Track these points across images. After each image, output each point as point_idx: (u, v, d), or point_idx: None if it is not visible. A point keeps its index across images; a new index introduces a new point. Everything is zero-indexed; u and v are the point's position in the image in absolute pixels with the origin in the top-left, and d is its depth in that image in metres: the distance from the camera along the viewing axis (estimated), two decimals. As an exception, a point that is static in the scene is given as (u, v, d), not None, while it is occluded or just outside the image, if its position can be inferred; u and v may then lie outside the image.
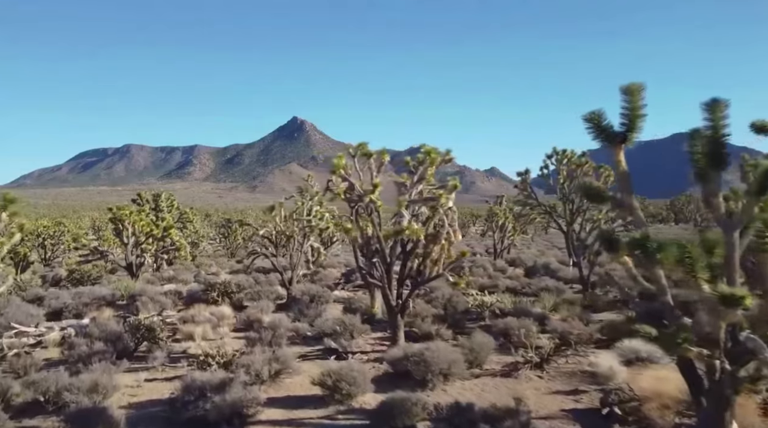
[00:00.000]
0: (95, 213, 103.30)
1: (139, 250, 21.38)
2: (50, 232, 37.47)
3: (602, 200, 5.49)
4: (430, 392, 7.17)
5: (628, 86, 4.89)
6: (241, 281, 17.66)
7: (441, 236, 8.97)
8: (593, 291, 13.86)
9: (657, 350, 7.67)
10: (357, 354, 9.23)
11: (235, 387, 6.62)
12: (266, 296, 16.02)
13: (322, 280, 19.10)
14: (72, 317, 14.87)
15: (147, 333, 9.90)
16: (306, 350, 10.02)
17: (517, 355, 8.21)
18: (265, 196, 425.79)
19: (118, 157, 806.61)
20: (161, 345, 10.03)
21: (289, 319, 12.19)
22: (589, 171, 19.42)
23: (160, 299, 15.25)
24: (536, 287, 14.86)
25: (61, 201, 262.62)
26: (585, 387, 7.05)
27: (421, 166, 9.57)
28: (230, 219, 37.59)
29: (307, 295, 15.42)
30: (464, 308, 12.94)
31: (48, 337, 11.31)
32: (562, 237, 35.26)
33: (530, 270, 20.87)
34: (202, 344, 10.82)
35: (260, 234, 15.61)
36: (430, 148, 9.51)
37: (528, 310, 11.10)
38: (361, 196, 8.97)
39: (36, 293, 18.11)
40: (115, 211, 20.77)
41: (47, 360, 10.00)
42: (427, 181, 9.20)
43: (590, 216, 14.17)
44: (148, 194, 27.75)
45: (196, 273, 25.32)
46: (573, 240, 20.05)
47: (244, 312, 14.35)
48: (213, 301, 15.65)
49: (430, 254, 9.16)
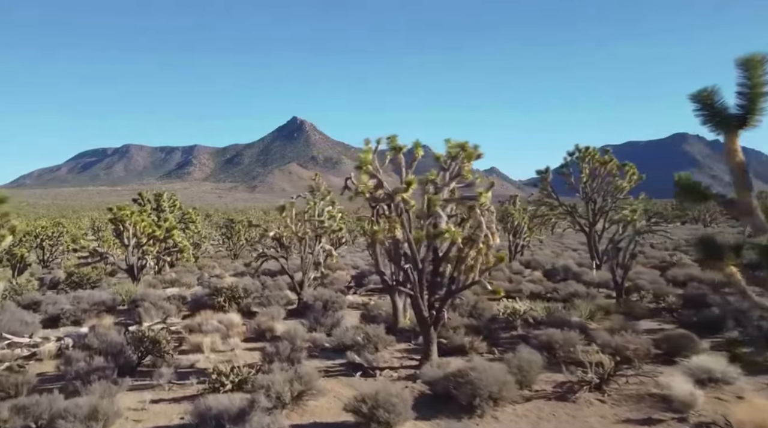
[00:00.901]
0: (95, 213, 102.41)
1: (140, 252, 20.48)
2: (48, 233, 36.55)
3: (703, 198, 4.54)
4: (479, 419, 6.25)
5: (747, 58, 3.95)
6: (248, 284, 16.75)
7: (479, 239, 8.06)
8: (628, 298, 12.93)
9: (733, 369, 6.77)
10: (385, 371, 8.31)
11: (256, 415, 5.71)
12: (276, 301, 15.11)
13: (333, 284, 18.18)
14: (70, 324, 13.95)
15: (152, 346, 8.98)
16: (327, 364, 9.10)
17: (568, 373, 7.28)
18: (264, 196, 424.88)
19: (118, 157, 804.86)
20: (167, 359, 9.11)
21: (304, 328, 11.29)
22: (613, 169, 18.53)
23: (163, 305, 14.34)
24: (565, 292, 13.92)
25: (61, 201, 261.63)
26: (659, 415, 6.10)
27: (453, 161, 8.65)
28: (233, 219, 36.62)
29: (319, 301, 14.51)
30: (490, 315, 12.06)
31: (43, 349, 10.39)
32: (573, 238, 34.29)
33: (549, 273, 19.95)
34: (211, 357, 9.91)
35: (270, 235, 14.68)
36: (462, 142, 8.60)
37: (566, 319, 10.18)
38: (390, 195, 8.05)
39: (32, 297, 17.19)
40: (115, 211, 19.84)
41: (41, 375, 9.09)
42: (464, 177, 8.27)
43: (621, 216, 13.22)
44: (149, 194, 26.81)
45: (199, 276, 24.41)
46: (596, 241, 19.18)
47: (253, 319, 13.45)
48: (220, 307, 14.74)
49: (466, 259, 8.24)
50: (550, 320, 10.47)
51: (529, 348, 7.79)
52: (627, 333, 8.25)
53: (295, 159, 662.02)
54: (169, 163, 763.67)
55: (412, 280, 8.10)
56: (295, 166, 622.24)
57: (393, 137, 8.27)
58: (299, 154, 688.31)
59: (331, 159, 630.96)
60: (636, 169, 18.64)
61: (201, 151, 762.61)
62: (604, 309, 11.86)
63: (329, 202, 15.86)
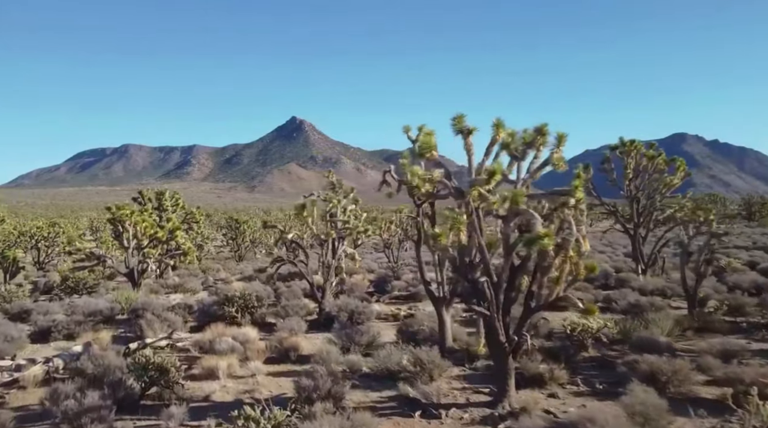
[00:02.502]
0: (93, 213, 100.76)
1: (141, 255, 18.83)
2: (44, 234, 34.87)
3: None
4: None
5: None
6: (259, 291, 15.07)
7: (568, 245, 6.41)
8: (702, 310, 11.28)
9: None
10: (451, 409, 6.65)
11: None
12: (294, 311, 13.45)
13: (353, 291, 16.50)
14: (62, 338, 12.30)
15: (158, 375, 7.32)
16: (372, 398, 7.44)
17: (699, 419, 5.61)
18: (263, 196, 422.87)
19: (117, 157, 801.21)
20: (177, 391, 7.47)
21: (336, 347, 9.62)
22: (661, 164, 16.92)
23: (167, 316, 12.68)
24: (624, 302, 12.26)
25: (60, 201, 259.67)
26: None
27: (529, 148, 6.99)
28: (238, 219, 34.91)
29: (344, 311, 12.85)
30: (547, 331, 10.43)
31: (27, 374, 8.73)
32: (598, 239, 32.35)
33: (587, 279, 18.28)
34: (229, 385, 8.27)
35: (289, 237, 13.01)
36: (541, 125, 6.94)
37: (653, 339, 8.52)
38: (459, 189, 6.39)
39: (22, 306, 15.55)
40: (114, 211, 18.19)
41: (22, 410, 7.44)
42: (557, 166, 6.60)
43: (692, 216, 11.57)
44: (150, 192, 25.11)
45: (204, 280, 22.78)
46: (640, 243, 17.56)
47: (272, 333, 11.82)
48: (231, 318, 13.10)
49: (550, 269, 6.59)
50: (630, 339, 8.83)
51: (641, 385, 6.10)
52: (745, 359, 6.60)
53: (294, 159, 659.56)
54: (168, 162, 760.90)
55: (489, 297, 6.43)
56: (294, 165, 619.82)
57: (459, 117, 6.59)
58: (298, 153, 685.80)
59: (330, 159, 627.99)
60: (685, 164, 17.04)
61: (200, 150, 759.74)
62: (679, 323, 10.23)
63: (353, 200, 14.22)
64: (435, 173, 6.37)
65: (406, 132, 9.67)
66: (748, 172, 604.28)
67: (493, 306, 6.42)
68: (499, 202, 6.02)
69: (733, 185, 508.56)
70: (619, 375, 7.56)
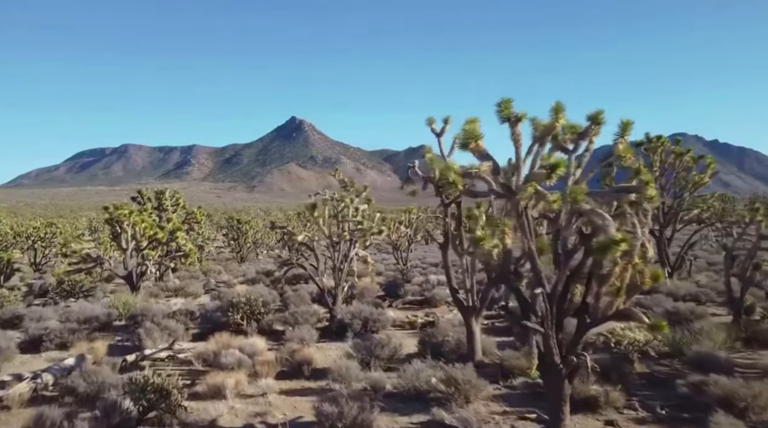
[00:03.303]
0: (93, 213, 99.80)
1: (140, 257, 17.93)
2: (41, 234, 33.93)
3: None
4: None
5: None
6: (264, 295, 14.17)
7: (634, 250, 5.52)
8: (749, 318, 10.40)
9: None
10: (497, 440, 5.76)
11: None
12: (304, 319, 12.54)
13: (364, 296, 15.59)
14: (54, 348, 11.40)
15: (158, 398, 6.42)
16: (400, 422, 6.54)
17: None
18: (263, 196, 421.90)
19: (116, 157, 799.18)
20: (180, 416, 6.57)
21: (354, 360, 8.72)
22: (689, 161, 16.02)
23: (168, 324, 11.77)
24: (659, 309, 11.37)
25: (59, 201, 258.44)
26: None
27: (582, 139, 6.10)
28: (240, 219, 33.95)
29: (357, 318, 11.97)
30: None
31: (12, 392, 7.82)
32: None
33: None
34: (237, 406, 7.37)
35: (299, 239, 12.10)
36: (595, 112, 6.04)
37: (711, 354, 7.63)
38: (508, 187, 5.49)
39: (14, 311, 14.64)
40: (112, 211, 17.28)
41: (4, 437, 6.56)
42: (623, 159, 5.71)
43: (735, 215, 10.67)
44: (149, 192, 24.18)
45: (206, 283, 21.87)
46: (665, 245, 16.68)
47: (280, 341, 10.97)
48: (236, 326, 12.21)
49: (609, 278, 5.70)
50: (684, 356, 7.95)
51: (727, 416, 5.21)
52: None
53: (293, 159, 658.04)
54: (168, 162, 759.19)
55: (543, 311, 5.53)
56: (293, 165, 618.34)
57: (506, 101, 5.66)
58: (298, 153, 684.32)
59: (330, 159, 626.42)
60: (714, 161, 16.15)
61: (199, 150, 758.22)
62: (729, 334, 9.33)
63: (365, 200, 13.31)
64: (483, 166, 5.45)
65: (430, 124, 8.80)
66: (747, 172, 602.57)
67: (547, 321, 5.52)
68: (559, 200, 5.12)
69: (733, 185, 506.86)
70: (680, 397, 6.68)
